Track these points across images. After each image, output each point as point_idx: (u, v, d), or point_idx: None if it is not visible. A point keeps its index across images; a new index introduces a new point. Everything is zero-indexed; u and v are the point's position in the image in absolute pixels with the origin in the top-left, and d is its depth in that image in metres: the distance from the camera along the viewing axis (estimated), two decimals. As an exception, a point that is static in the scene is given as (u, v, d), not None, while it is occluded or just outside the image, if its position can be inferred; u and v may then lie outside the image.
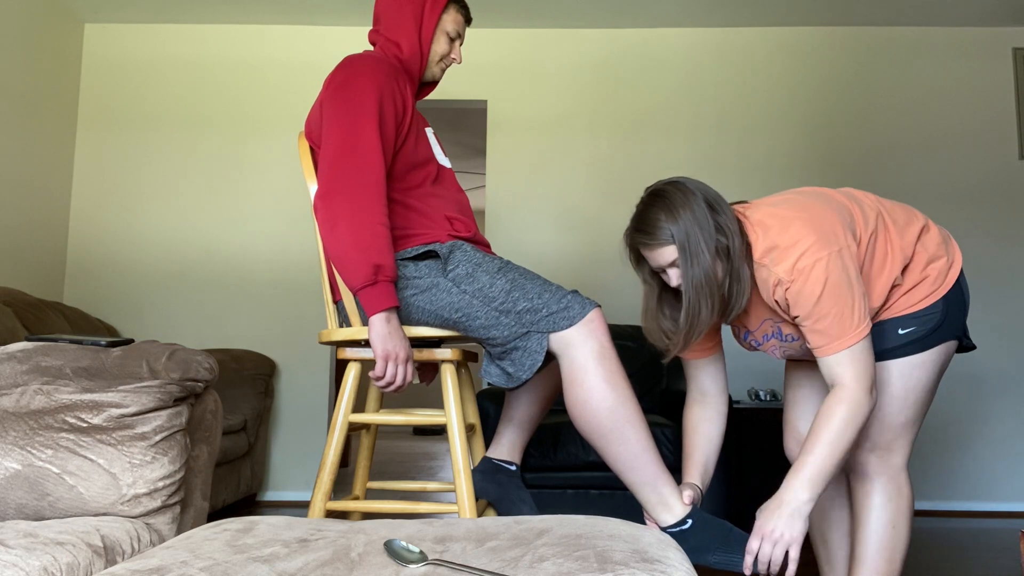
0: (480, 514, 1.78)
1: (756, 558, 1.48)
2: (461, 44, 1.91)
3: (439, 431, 8.85)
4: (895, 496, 1.62)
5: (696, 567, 2.06)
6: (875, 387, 1.47)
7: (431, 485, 1.93)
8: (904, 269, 1.58)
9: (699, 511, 1.56)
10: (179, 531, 1.45)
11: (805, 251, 1.45)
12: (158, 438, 1.36)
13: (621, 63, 4.09)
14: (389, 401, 9.04)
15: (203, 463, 1.58)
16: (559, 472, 2.89)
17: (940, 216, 3.96)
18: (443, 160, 1.88)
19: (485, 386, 5.88)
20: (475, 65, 4.10)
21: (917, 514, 3.71)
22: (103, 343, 1.50)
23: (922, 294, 1.58)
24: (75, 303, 3.96)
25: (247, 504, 3.74)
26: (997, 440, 3.81)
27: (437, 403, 9.22)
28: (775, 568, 1.45)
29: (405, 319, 1.72)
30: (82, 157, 4.04)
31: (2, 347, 1.49)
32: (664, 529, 1.57)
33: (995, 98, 4.01)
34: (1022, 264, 3.91)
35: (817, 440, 1.45)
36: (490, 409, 2.82)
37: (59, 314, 3.23)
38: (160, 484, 1.35)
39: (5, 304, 2.89)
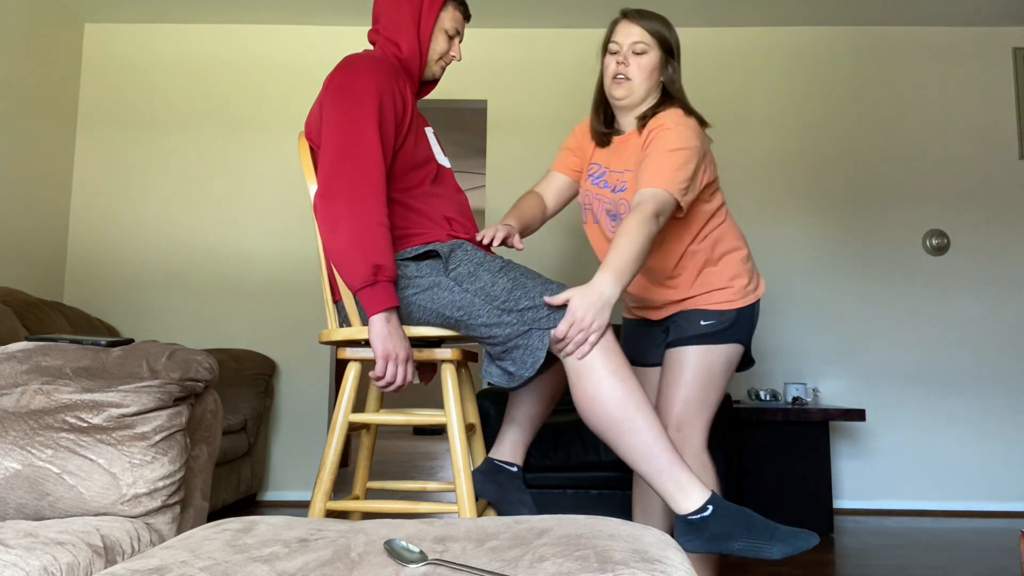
0: (480, 514, 1.79)
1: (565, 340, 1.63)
2: (460, 41, 1.91)
3: (439, 431, 8.85)
4: (701, 473, 1.84)
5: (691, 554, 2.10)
6: (663, 219, 1.72)
7: (431, 485, 1.93)
8: (716, 264, 1.92)
9: (718, 497, 1.54)
10: (179, 531, 1.45)
11: (686, 123, 1.81)
12: (158, 438, 1.36)
13: (621, 63, 4.09)
14: (389, 401, 9.04)
15: (203, 463, 1.58)
16: (559, 472, 2.89)
17: (940, 216, 3.95)
18: (443, 160, 1.89)
19: (485, 386, 5.89)
20: (475, 65, 4.10)
21: (917, 514, 3.72)
22: (103, 343, 1.50)
23: (724, 298, 1.91)
24: (75, 303, 3.96)
25: (247, 504, 3.74)
26: (997, 440, 3.81)
27: (437, 403, 9.22)
28: (576, 348, 1.60)
29: (406, 318, 1.72)
30: (82, 157, 4.04)
31: (2, 347, 1.49)
32: (685, 516, 1.54)
33: (995, 98, 4.01)
34: (1022, 264, 3.91)
35: (617, 242, 1.65)
36: (490, 409, 2.82)
37: (59, 314, 3.23)
38: (160, 484, 1.35)
39: (5, 304, 2.89)
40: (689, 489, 1.54)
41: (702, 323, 1.90)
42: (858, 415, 3.26)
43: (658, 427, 1.57)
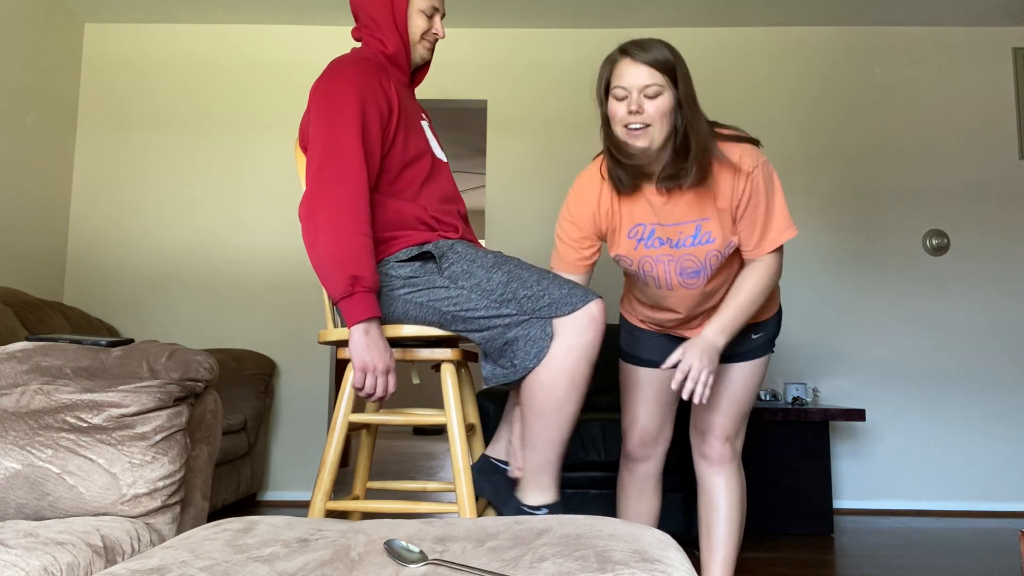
0: (480, 513, 1.79)
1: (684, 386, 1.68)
2: (442, 17, 1.87)
3: (439, 431, 8.85)
4: (737, 478, 1.94)
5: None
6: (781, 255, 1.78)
7: (431, 485, 1.93)
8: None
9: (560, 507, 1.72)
10: (179, 531, 1.45)
11: (762, 160, 1.71)
12: (158, 438, 1.36)
13: (621, 63, 4.09)
14: (389, 401, 9.04)
15: (203, 463, 1.58)
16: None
17: (940, 216, 3.95)
18: (439, 153, 1.87)
19: (485, 386, 5.88)
20: (475, 65, 4.10)
21: (917, 514, 3.72)
22: (103, 343, 1.50)
23: (767, 307, 1.91)
24: (75, 303, 3.96)
25: (247, 504, 3.74)
26: (997, 440, 3.81)
27: (437, 403, 9.22)
28: (700, 389, 1.64)
29: (403, 317, 1.71)
30: (82, 157, 4.04)
31: (2, 347, 1.49)
32: (527, 507, 1.71)
33: (995, 98, 4.01)
34: (1022, 264, 3.91)
35: (736, 299, 1.72)
36: (490, 409, 2.82)
37: (59, 314, 3.23)
38: (160, 484, 1.35)
39: (5, 304, 2.89)
40: (544, 486, 1.72)
41: (753, 336, 1.89)
42: (858, 415, 3.26)
43: (568, 431, 1.71)
